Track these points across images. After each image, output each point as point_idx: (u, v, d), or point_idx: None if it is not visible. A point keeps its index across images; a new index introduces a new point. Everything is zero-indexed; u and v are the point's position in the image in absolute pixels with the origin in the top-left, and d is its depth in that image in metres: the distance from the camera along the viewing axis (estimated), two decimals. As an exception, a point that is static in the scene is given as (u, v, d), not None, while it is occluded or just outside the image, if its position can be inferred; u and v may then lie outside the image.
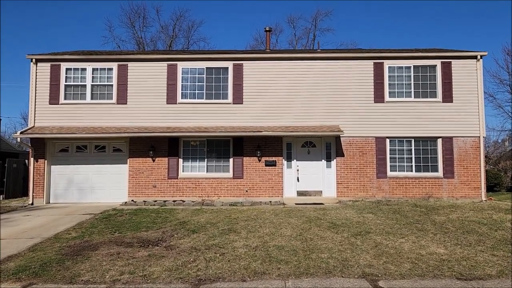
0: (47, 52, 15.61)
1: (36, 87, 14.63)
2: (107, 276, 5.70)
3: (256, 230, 8.58)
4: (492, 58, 45.32)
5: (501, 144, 39.94)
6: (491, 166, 24.41)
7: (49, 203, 14.35)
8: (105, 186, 14.55)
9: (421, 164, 14.52)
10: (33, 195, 14.23)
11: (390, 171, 14.48)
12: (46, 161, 14.41)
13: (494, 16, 63.86)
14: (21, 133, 13.93)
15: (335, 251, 6.85)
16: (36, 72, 14.69)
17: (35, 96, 14.62)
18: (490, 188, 18.61)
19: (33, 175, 14.29)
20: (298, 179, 14.57)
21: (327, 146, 14.70)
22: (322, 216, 10.28)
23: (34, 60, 14.70)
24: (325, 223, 9.33)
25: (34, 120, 14.56)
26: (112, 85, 14.77)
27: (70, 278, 5.66)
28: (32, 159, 14.35)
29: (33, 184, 14.28)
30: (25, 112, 59.78)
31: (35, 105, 14.61)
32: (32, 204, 14.09)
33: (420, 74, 14.71)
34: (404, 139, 14.59)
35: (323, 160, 14.65)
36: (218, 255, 6.69)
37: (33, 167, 14.29)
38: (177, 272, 5.85)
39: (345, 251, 6.89)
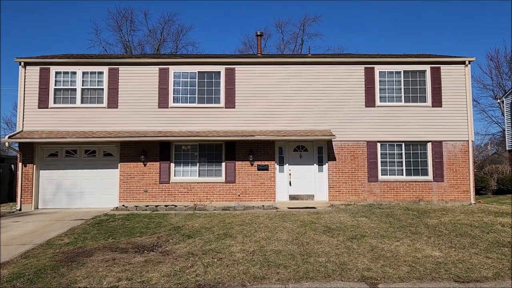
0: (35, 55, 15.37)
1: (24, 90, 14.36)
2: (105, 283, 5.60)
3: (252, 234, 8.56)
4: (476, 64, 46.18)
5: (484, 148, 40.68)
6: (475, 170, 24.77)
7: (38, 208, 14.07)
8: (95, 191, 14.34)
9: (412, 168, 14.69)
10: (21, 201, 13.93)
11: (381, 175, 14.61)
12: (34, 166, 14.15)
13: (479, 22, 65.35)
14: (9, 137, 13.66)
15: (333, 255, 6.87)
16: (25, 76, 14.42)
17: (24, 100, 14.35)
18: (476, 191, 18.85)
19: (21, 180, 14.00)
20: (290, 183, 14.60)
21: (319, 150, 14.77)
22: (316, 220, 10.32)
23: (22, 64, 14.44)
24: (320, 227, 9.36)
25: (23, 124, 14.28)
26: (102, 89, 14.61)
27: (66, 285, 5.55)
28: (20, 164, 14.06)
29: (21, 190, 13.98)
30: (7, 116, 58.72)
31: (23, 109, 14.35)
32: (20, 209, 13.80)
33: (410, 79, 14.92)
34: (395, 143, 14.76)
35: (315, 164, 14.71)
36: (215, 260, 6.65)
37: (21, 172, 14.00)
38: (176, 277, 5.79)
39: (342, 254, 6.92)
